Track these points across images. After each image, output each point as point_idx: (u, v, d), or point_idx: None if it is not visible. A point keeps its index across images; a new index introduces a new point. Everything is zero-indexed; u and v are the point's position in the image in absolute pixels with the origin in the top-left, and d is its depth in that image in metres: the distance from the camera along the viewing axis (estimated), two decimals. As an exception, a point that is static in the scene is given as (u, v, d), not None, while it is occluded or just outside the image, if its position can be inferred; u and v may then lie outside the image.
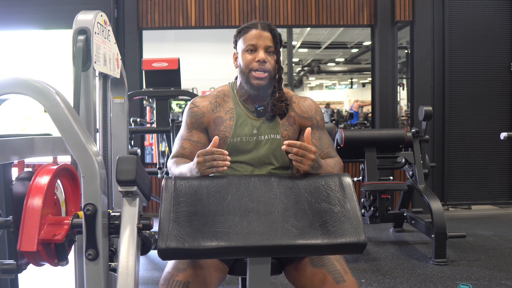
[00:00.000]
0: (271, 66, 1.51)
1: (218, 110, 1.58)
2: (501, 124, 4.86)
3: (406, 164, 3.73)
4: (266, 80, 1.51)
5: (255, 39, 1.50)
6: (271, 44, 1.51)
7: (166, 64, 3.43)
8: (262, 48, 1.50)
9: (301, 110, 1.59)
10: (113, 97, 1.63)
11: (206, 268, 1.36)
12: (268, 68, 1.50)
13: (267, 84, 1.52)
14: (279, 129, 1.55)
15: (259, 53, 1.49)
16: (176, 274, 1.34)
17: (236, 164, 1.55)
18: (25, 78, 0.99)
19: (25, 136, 1.67)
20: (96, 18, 1.33)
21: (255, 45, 1.50)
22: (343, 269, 1.36)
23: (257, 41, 1.50)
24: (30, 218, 0.97)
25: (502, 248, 3.47)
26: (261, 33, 1.51)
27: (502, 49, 4.88)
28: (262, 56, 1.49)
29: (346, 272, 1.35)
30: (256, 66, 1.50)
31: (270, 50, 1.51)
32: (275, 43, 1.52)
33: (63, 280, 2.88)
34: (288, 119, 1.56)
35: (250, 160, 1.54)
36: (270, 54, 1.51)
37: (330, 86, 12.75)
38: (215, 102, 1.59)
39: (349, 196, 1.17)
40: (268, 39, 1.51)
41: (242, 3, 4.94)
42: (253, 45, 1.50)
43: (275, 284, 2.65)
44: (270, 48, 1.51)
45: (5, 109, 5.58)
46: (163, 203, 1.13)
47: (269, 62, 1.50)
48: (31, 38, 6.42)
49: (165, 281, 1.35)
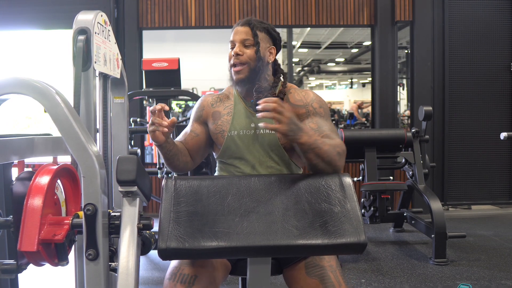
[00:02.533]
0: (248, 57, 1.53)
1: (218, 105, 1.63)
2: (501, 124, 4.86)
3: (406, 164, 3.74)
4: (244, 73, 1.53)
5: (233, 36, 1.56)
6: (247, 37, 1.54)
7: (166, 64, 3.42)
8: (238, 42, 1.55)
9: (295, 99, 1.57)
10: (113, 97, 1.63)
11: (212, 264, 1.38)
12: (245, 60, 1.53)
13: (247, 77, 1.53)
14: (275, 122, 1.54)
15: (235, 47, 1.54)
16: (183, 268, 1.35)
17: (236, 160, 1.56)
18: (25, 78, 0.99)
19: (25, 136, 1.67)
20: (96, 18, 1.33)
21: (232, 41, 1.56)
22: (337, 282, 1.33)
23: (235, 37, 1.56)
24: (30, 218, 0.97)
25: (502, 248, 3.47)
26: (238, 29, 1.56)
27: (502, 49, 4.88)
28: (235, 50, 1.53)
29: (340, 285, 1.33)
30: (233, 60, 1.54)
31: (247, 44, 1.54)
32: (254, 35, 1.54)
33: (63, 280, 2.88)
34: None
35: (249, 155, 1.54)
36: (247, 47, 1.54)
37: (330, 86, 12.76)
38: (217, 98, 1.66)
39: (349, 196, 1.17)
40: (244, 33, 1.54)
41: (242, 3, 4.94)
42: (231, 41, 1.57)
43: (275, 284, 2.65)
44: (247, 41, 1.54)
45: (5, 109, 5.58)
46: (163, 203, 1.13)
47: (245, 54, 1.53)
48: (31, 38, 6.41)
49: (171, 274, 1.35)
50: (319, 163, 1.33)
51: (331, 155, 1.34)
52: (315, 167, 1.35)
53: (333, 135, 1.47)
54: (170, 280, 1.34)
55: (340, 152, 1.37)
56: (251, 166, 1.54)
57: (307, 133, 1.32)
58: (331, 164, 1.34)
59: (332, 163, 1.34)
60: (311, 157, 1.33)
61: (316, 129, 1.48)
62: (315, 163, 1.33)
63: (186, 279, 1.32)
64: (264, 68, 1.55)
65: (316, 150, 1.32)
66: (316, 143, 1.32)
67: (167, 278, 1.36)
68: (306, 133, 1.31)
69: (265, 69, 1.56)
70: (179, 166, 1.57)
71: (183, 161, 1.57)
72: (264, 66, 1.55)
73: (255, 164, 1.54)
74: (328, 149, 1.34)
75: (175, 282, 1.33)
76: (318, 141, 1.33)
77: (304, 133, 1.30)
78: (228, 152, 1.57)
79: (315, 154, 1.32)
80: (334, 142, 1.39)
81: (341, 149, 1.38)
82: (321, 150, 1.32)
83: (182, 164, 1.58)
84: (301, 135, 1.30)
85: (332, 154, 1.34)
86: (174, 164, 1.56)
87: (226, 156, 1.58)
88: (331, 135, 1.46)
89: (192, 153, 1.62)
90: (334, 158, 1.34)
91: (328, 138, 1.43)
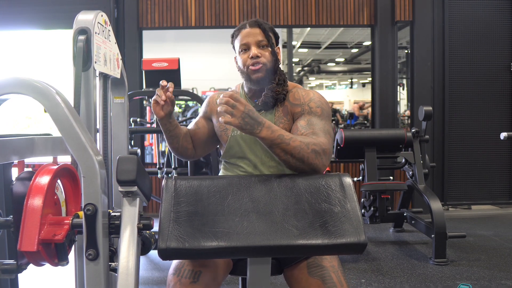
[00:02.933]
0: (266, 58, 1.54)
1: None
2: (501, 124, 4.86)
3: (406, 164, 3.74)
4: (263, 71, 1.53)
5: (245, 38, 1.55)
6: (261, 39, 1.54)
7: (166, 64, 3.43)
8: (253, 44, 1.54)
9: (294, 98, 1.56)
10: (113, 97, 1.63)
11: (215, 262, 1.39)
12: (263, 61, 1.53)
13: (265, 76, 1.54)
14: (275, 122, 1.54)
15: (252, 50, 1.53)
16: (187, 264, 1.35)
17: (239, 159, 1.57)
18: (26, 78, 0.99)
19: (25, 136, 1.67)
20: (97, 18, 1.33)
21: (246, 44, 1.54)
22: (339, 282, 1.34)
23: (247, 40, 1.54)
24: (30, 218, 0.97)
25: (502, 248, 3.47)
26: (250, 31, 1.55)
27: (502, 49, 4.88)
28: (254, 52, 1.52)
29: (342, 285, 1.34)
30: (251, 62, 1.53)
31: (262, 44, 1.54)
32: (267, 36, 1.54)
33: (63, 280, 2.88)
34: (283, 111, 1.56)
35: (251, 155, 1.55)
36: (263, 48, 1.54)
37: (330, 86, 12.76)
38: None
39: (349, 196, 1.17)
40: (258, 35, 1.54)
41: (242, 3, 4.94)
42: (245, 44, 1.55)
43: (275, 284, 2.65)
44: (262, 42, 1.54)
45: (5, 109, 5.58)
46: (163, 203, 1.13)
47: (263, 56, 1.53)
48: (31, 38, 6.41)
49: (175, 270, 1.36)
50: (289, 159, 1.32)
51: (303, 151, 1.32)
52: (288, 164, 1.34)
53: (321, 134, 1.43)
54: (175, 275, 1.35)
55: (316, 150, 1.34)
56: (253, 165, 1.55)
57: (268, 127, 1.31)
58: (305, 162, 1.33)
59: (305, 160, 1.32)
60: (278, 152, 1.32)
61: (304, 126, 1.46)
62: (284, 159, 1.33)
63: (190, 274, 1.33)
64: (278, 68, 1.57)
65: (282, 146, 1.31)
66: (281, 138, 1.31)
67: (171, 273, 1.36)
68: (267, 128, 1.31)
69: (278, 69, 1.57)
70: (178, 149, 1.64)
71: (182, 145, 1.62)
72: (278, 67, 1.57)
73: (257, 163, 1.54)
74: (298, 145, 1.32)
75: (179, 277, 1.33)
76: (285, 137, 1.32)
77: (264, 128, 1.30)
78: (231, 152, 1.58)
79: (281, 149, 1.32)
80: (311, 139, 1.37)
81: (320, 148, 1.35)
82: (289, 145, 1.31)
83: (181, 148, 1.63)
84: (260, 129, 1.30)
85: (304, 151, 1.32)
86: (173, 146, 1.62)
87: (229, 156, 1.59)
88: (318, 134, 1.42)
89: (194, 143, 1.67)
90: (307, 155, 1.32)
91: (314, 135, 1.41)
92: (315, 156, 1.33)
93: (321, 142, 1.38)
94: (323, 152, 1.36)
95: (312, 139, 1.37)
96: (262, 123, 1.30)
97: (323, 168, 1.37)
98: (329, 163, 1.43)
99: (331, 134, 1.47)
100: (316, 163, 1.34)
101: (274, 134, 1.31)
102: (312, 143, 1.35)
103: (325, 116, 1.52)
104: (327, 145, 1.39)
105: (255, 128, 1.29)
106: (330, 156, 1.42)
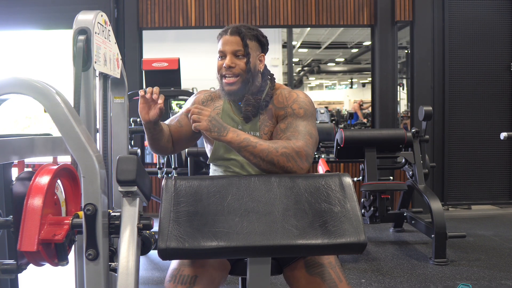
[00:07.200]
0: (241, 68, 1.51)
1: (208, 104, 1.64)
2: (501, 124, 4.86)
3: (406, 164, 3.74)
4: (237, 84, 1.52)
5: (223, 45, 1.53)
6: (238, 48, 1.51)
7: (166, 64, 3.43)
8: (229, 53, 1.51)
9: (278, 101, 1.56)
10: (113, 97, 1.63)
11: (211, 264, 1.38)
12: (238, 72, 1.51)
13: (239, 88, 1.52)
14: (259, 126, 1.54)
15: (227, 59, 1.51)
16: (183, 269, 1.35)
17: (226, 161, 1.57)
18: (25, 78, 0.99)
19: (25, 136, 1.67)
20: (97, 18, 1.33)
21: (223, 52, 1.53)
22: (338, 278, 1.36)
23: (225, 48, 1.52)
24: (30, 218, 0.97)
25: (502, 248, 3.47)
26: (228, 39, 1.52)
27: (502, 49, 4.88)
28: (227, 62, 1.50)
29: (341, 281, 1.36)
30: (224, 71, 1.52)
31: (239, 54, 1.51)
32: (245, 46, 1.51)
33: (63, 280, 2.88)
34: (268, 114, 1.55)
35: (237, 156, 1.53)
36: (239, 57, 1.52)
37: (330, 86, 12.77)
38: (209, 96, 1.67)
39: (349, 196, 1.17)
40: (235, 44, 1.51)
41: (242, 3, 4.94)
42: (222, 51, 1.53)
43: (275, 284, 2.65)
44: (239, 51, 1.51)
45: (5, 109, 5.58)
46: (163, 203, 1.13)
47: (238, 66, 1.51)
48: (31, 38, 6.41)
49: (172, 276, 1.36)
50: (260, 162, 1.37)
51: (271, 155, 1.35)
52: (260, 167, 1.39)
53: (300, 136, 1.42)
54: (171, 282, 1.34)
55: (287, 153, 1.35)
56: (240, 165, 1.55)
57: (234, 131, 1.38)
58: (276, 165, 1.36)
59: (276, 163, 1.36)
60: (247, 156, 1.38)
61: (284, 129, 1.48)
62: (255, 162, 1.38)
63: (187, 280, 1.33)
64: (255, 78, 1.54)
65: (249, 149, 1.36)
66: (247, 141, 1.36)
67: (167, 280, 1.36)
68: (233, 131, 1.37)
69: (256, 78, 1.55)
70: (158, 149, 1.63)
71: (163, 146, 1.61)
72: (255, 76, 1.54)
73: (244, 164, 1.54)
74: (265, 148, 1.36)
75: (175, 284, 1.33)
76: (251, 140, 1.37)
77: (230, 131, 1.37)
78: (218, 154, 1.57)
79: (249, 152, 1.37)
80: (282, 143, 1.38)
81: (292, 151, 1.36)
82: (256, 148, 1.36)
83: (161, 148, 1.62)
84: (226, 132, 1.37)
85: (272, 154, 1.35)
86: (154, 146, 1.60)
87: (216, 158, 1.58)
88: (297, 137, 1.42)
89: (175, 140, 1.65)
90: (277, 158, 1.35)
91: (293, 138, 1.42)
92: (287, 160, 1.36)
93: (294, 145, 1.38)
94: (296, 155, 1.37)
95: (283, 143, 1.39)
96: (227, 128, 1.38)
97: (300, 171, 1.38)
98: (309, 165, 1.41)
99: (312, 135, 1.47)
100: (289, 166, 1.36)
101: (240, 137, 1.38)
102: (283, 146, 1.38)
103: (308, 117, 1.51)
104: (303, 147, 1.39)
105: (222, 131, 1.37)
106: (310, 158, 1.41)
